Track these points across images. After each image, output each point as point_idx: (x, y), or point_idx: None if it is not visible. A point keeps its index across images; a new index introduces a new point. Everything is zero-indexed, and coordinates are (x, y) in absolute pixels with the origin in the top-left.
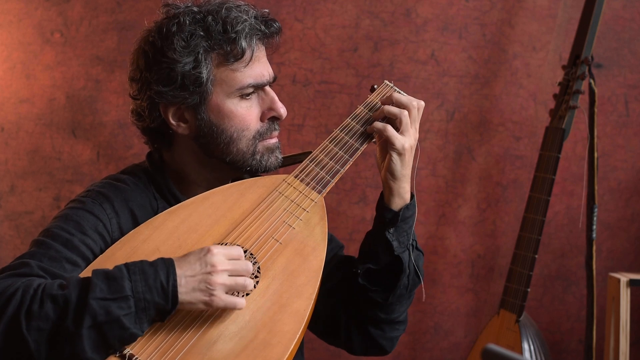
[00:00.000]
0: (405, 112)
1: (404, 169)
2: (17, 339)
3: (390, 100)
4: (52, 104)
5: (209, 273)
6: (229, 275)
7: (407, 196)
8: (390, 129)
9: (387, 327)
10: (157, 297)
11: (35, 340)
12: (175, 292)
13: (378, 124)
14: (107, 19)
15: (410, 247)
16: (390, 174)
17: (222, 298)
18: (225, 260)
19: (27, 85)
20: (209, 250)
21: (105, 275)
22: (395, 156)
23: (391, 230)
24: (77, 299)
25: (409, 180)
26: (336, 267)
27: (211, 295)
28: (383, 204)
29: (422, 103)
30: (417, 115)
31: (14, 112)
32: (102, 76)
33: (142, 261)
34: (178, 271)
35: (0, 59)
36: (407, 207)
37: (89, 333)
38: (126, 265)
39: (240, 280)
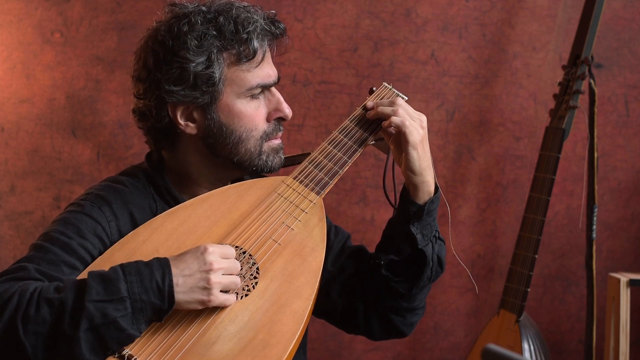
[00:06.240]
0: (395, 110)
1: (422, 162)
2: (14, 343)
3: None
4: (52, 104)
5: (207, 272)
6: (223, 274)
7: (432, 189)
8: (408, 123)
9: (408, 314)
10: (154, 297)
11: (32, 344)
12: (172, 292)
13: (396, 119)
14: (107, 19)
15: (434, 239)
16: (410, 171)
17: (217, 296)
18: (221, 259)
19: (27, 85)
20: (205, 249)
21: (100, 277)
22: (411, 151)
23: (415, 224)
24: (74, 302)
25: (431, 172)
26: (349, 258)
27: (209, 294)
28: (408, 198)
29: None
30: (411, 110)
31: (14, 112)
32: (102, 76)
33: (137, 261)
34: (174, 270)
35: (0, 59)
36: (432, 201)
37: (86, 336)
38: (121, 266)
39: (233, 279)
